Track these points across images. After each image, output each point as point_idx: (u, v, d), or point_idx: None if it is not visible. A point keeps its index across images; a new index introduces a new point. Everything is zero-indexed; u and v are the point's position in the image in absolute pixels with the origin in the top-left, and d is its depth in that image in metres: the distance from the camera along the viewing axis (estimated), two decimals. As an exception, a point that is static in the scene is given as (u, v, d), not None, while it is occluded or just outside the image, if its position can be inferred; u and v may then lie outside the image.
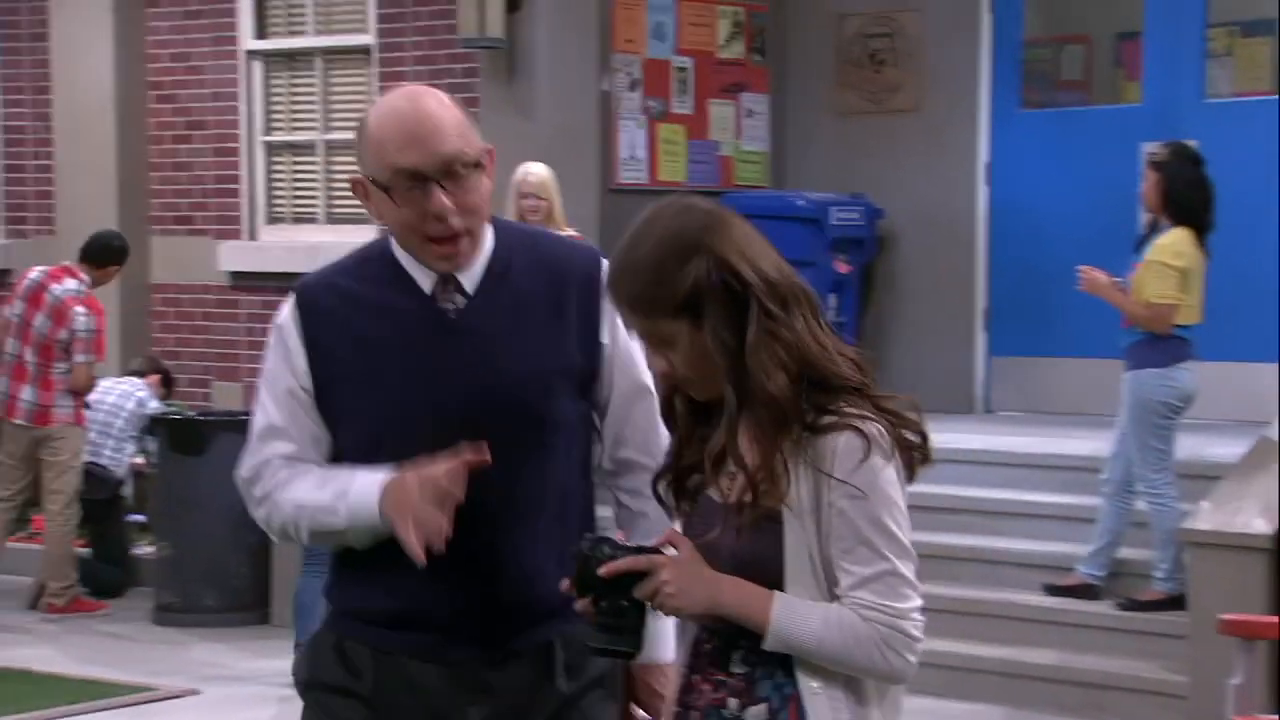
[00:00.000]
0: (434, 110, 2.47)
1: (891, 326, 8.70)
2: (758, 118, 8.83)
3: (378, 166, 2.47)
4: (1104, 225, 7.90)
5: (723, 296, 2.17)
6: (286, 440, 2.55)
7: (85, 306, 7.63)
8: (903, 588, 2.21)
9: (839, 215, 8.28)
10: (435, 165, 2.44)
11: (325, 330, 2.54)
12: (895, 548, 2.20)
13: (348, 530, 2.50)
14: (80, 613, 7.65)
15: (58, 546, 7.65)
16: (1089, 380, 7.92)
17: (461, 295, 2.54)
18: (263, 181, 9.13)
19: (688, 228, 2.20)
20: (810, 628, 2.17)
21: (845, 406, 2.19)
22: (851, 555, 2.18)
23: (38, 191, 9.59)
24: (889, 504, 2.20)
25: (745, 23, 8.76)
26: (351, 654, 2.57)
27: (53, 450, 7.65)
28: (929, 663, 7.09)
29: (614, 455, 2.65)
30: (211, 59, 9.09)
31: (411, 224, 2.47)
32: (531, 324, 2.54)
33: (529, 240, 2.65)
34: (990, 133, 8.44)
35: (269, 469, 2.56)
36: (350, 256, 2.65)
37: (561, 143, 7.88)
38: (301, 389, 2.55)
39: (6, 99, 9.66)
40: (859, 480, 2.16)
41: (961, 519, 6.82)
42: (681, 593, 2.21)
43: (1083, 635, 6.21)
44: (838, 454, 2.16)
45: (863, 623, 2.18)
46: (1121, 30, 8.55)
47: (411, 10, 8.40)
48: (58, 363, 7.59)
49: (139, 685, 6.47)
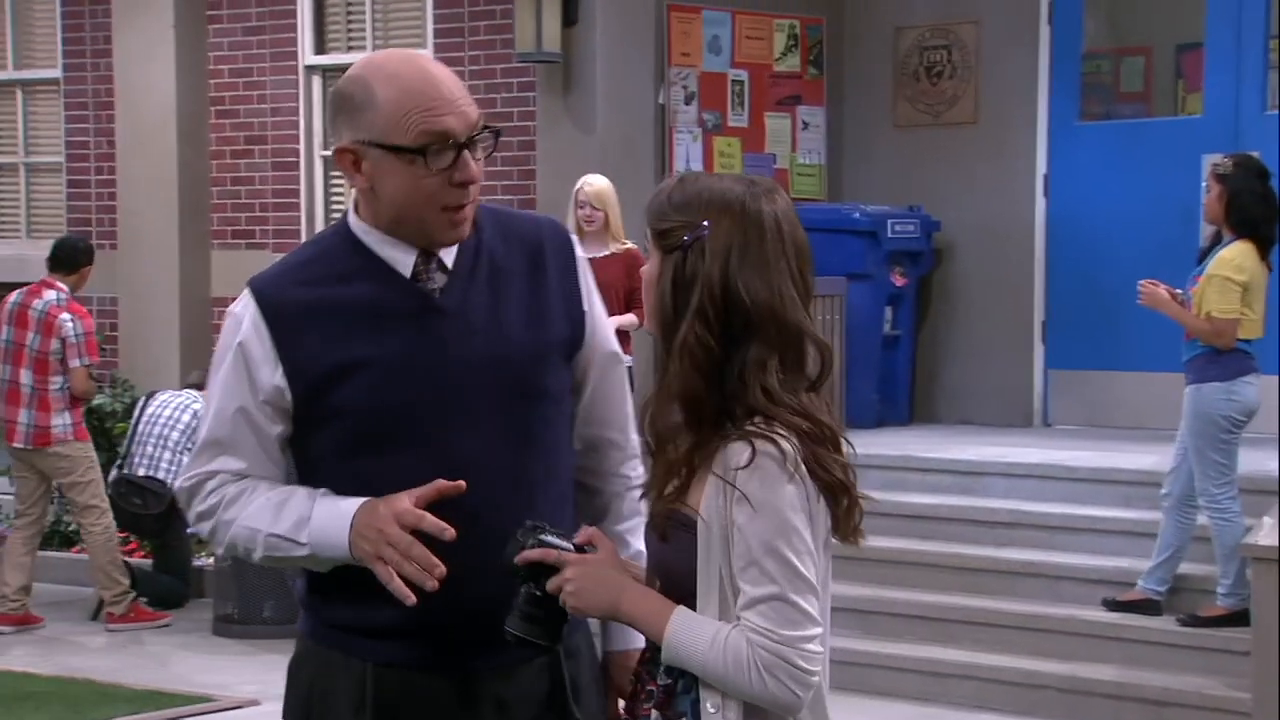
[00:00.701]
0: (447, 74, 2.38)
1: (948, 340, 8.66)
2: (814, 130, 8.82)
3: (397, 130, 2.31)
4: (1164, 238, 7.84)
5: (680, 269, 2.18)
6: (235, 456, 2.40)
7: (70, 313, 7.69)
8: (793, 614, 2.10)
9: (896, 228, 8.26)
10: (468, 129, 2.35)
11: (296, 331, 2.37)
12: (786, 573, 2.10)
13: (311, 561, 2.37)
14: (141, 621, 7.71)
15: (100, 556, 7.68)
16: (1148, 394, 7.85)
17: (442, 273, 2.41)
18: (321, 195, 9.20)
19: (716, 198, 2.19)
20: (698, 646, 2.12)
21: (757, 421, 2.14)
22: (745, 574, 2.11)
23: (100, 206, 9.69)
24: (784, 527, 2.10)
25: (801, 35, 8.76)
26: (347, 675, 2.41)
27: (63, 470, 7.69)
28: (991, 678, 7.03)
29: (582, 433, 2.52)
30: (271, 74, 9.17)
31: (431, 192, 2.34)
32: (515, 296, 2.43)
33: (490, 214, 2.49)
34: (1049, 145, 8.40)
35: (214, 482, 2.42)
36: (301, 254, 2.48)
37: (617, 156, 7.90)
38: (262, 403, 2.38)
39: (70, 114, 9.78)
40: (749, 491, 2.10)
41: (1021, 533, 6.79)
42: (581, 592, 2.20)
43: (1144, 651, 6.15)
44: (727, 460, 2.12)
45: (746, 645, 2.10)
46: (1182, 41, 8.48)
47: (469, 25, 8.45)
48: (53, 376, 7.64)
49: (199, 695, 6.52)
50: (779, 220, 2.20)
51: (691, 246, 2.17)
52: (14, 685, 6.69)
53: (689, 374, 2.15)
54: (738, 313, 2.16)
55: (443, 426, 2.36)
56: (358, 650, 2.42)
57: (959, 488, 7.14)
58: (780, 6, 8.69)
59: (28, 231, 10.08)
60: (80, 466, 7.71)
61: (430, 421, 2.36)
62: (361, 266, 2.39)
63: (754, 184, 2.23)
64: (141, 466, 8.03)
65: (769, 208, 2.20)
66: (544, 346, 2.43)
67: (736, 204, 2.19)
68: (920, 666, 6.36)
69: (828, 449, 2.17)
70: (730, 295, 2.16)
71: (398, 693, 2.39)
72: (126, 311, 9.44)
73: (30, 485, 7.80)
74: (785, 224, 2.21)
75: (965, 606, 6.53)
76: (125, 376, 9.26)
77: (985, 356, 8.51)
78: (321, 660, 2.47)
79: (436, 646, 2.38)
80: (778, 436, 2.12)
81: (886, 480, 7.14)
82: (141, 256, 9.35)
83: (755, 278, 2.16)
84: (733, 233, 2.17)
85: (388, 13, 8.99)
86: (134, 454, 8.08)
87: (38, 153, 10.10)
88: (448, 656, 2.38)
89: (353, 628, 2.42)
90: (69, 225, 9.84)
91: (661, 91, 8.21)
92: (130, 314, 9.41)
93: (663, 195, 2.24)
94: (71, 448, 7.69)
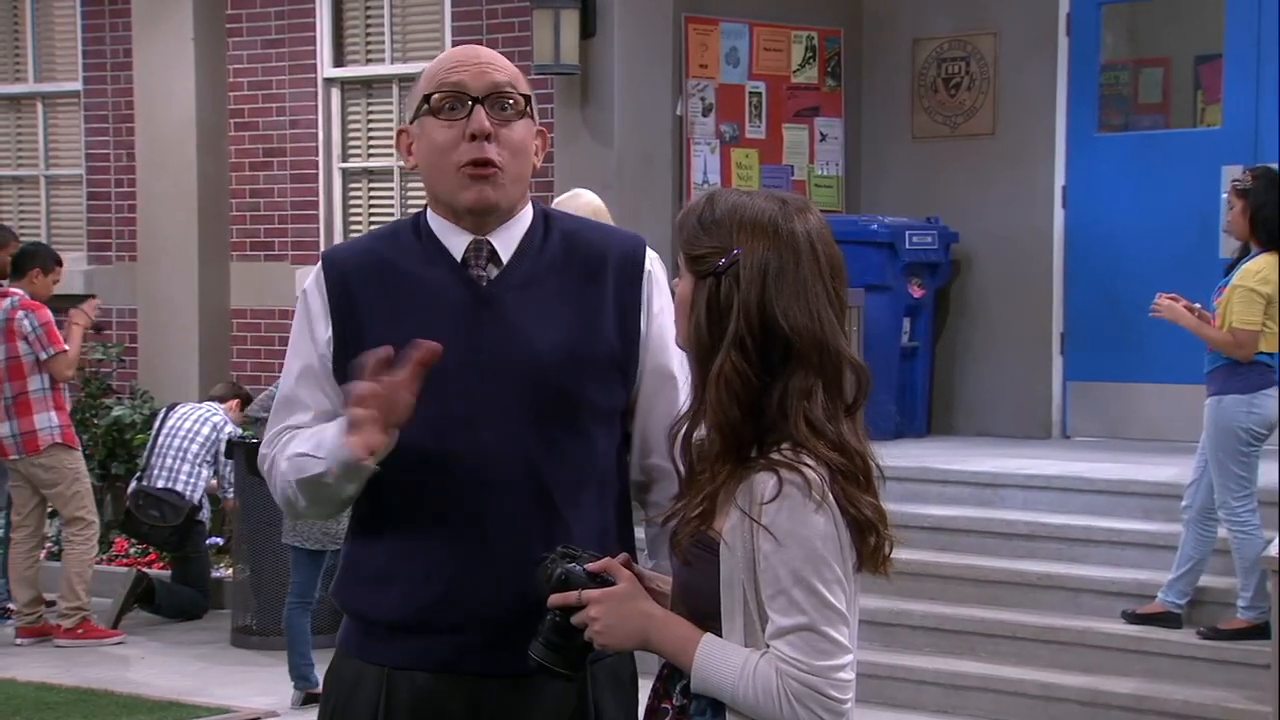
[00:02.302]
0: (489, 52, 2.51)
1: (966, 351, 8.65)
2: (832, 142, 8.82)
3: (426, 88, 2.43)
4: (1182, 249, 7.82)
5: (714, 296, 2.13)
6: (301, 410, 2.45)
7: (23, 309, 7.63)
8: (823, 644, 2.08)
9: (914, 239, 8.25)
10: (483, 87, 2.42)
11: (350, 296, 2.43)
12: (815, 603, 2.07)
13: (330, 476, 2.32)
14: (91, 639, 7.57)
15: (72, 567, 7.59)
16: (1168, 406, 7.83)
17: (495, 266, 2.43)
18: (340, 207, 9.22)
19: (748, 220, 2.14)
20: (727, 675, 2.10)
21: (784, 449, 2.10)
22: (773, 602, 2.08)
23: (120, 218, 9.73)
24: (812, 557, 2.07)
25: (819, 47, 8.76)
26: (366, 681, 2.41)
27: (48, 482, 7.61)
28: (1011, 691, 7.01)
29: (643, 463, 2.50)
30: (290, 87, 9.20)
31: (447, 148, 2.40)
32: (566, 302, 2.42)
33: (572, 223, 2.53)
34: (1067, 156, 8.38)
35: (280, 439, 2.46)
36: (383, 227, 2.59)
37: (635, 167, 7.91)
38: (319, 356, 2.44)
39: (90, 127, 9.82)
40: (777, 522, 2.07)
41: (1040, 545, 6.77)
42: (609, 630, 2.17)
43: (1164, 664, 6.13)
44: (752, 491, 2.09)
45: (776, 676, 2.08)
46: (1201, 52, 8.47)
47: (486, 37, 8.47)
48: (31, 377, 7.59)
49: (218, 706, 6.53)
50: (813, 239, 2.16)
51: (726, 272, 2.13)
52: (34, 696, 6.71)
53: (727, 405, 2.11)
54: (776, 341, 2.11)
55: (464, 416, 2.35)
56: (375, 655, 2.42)
57: (977, 499, 7.12)
58: (798, 18, 8.69)
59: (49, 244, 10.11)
60: (66, 478, 7.63)
61: (453, 407, 2.35)
62: (420, 247, 2.46)
63: (785, 202, 2.18)
64: (160, 479, 8.04)
65: (802, 227, 2.15)
66: (586, 356, 2.40)
67: (770, 226, 2.14)
68: (940, 679, 6.34)
69: (859, 486, 2.13)
70: (768, 323, 2.11)
71: (413, 697, 2.39)
72: (146, 323, 9.47)
73: (24, 495, 7.75)
74: (820, 243, 2.17)
75: (984, 619, 6.51)
76: (144, 388, 9.29)
77: (1004, 368, 8.50)
78: (346, 669, 2.48)
79: (451, 650, 2.37)
80: (803, 466, 2.08)
81: (905, 492, 7.13)
82: (161, 268, 9.38)
83: (793, 303, 2.11)
84: (768, 257, 2.12)
85: (406, 25, 9.02)
86: (153, 466, 8.09)
87: (58, 165, 10.14)
88: (462, 660, 2.38)
89: (369, 619, 2.43)
90: (89, 237, 9.89)
91: (679, 103, 8.22)
92: (149, 325, 9.44)
93: (692, 217, 2.19)
94: (58, 456, 7.60)
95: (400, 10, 9.02)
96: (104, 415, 9.08)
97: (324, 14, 9.10)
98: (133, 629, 7.89)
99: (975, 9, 8.57)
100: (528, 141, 2.45)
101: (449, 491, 2.37)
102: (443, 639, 2.37)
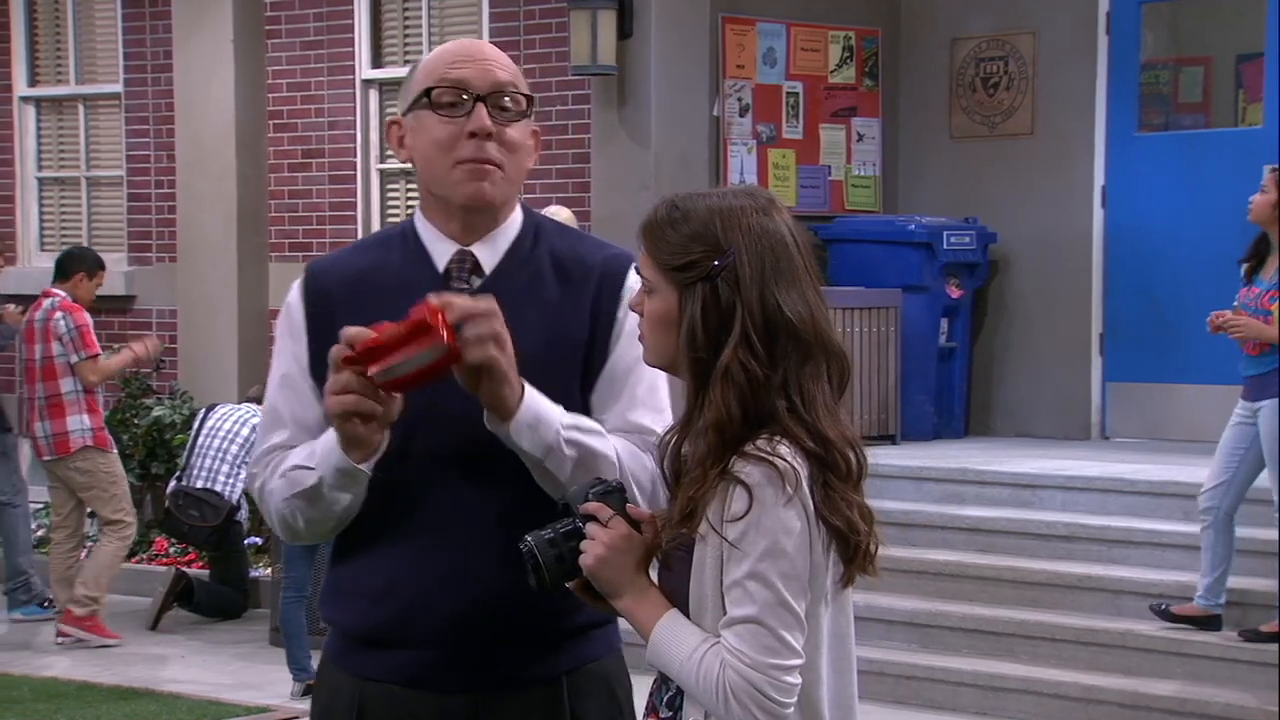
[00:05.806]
0: (491, 49, 2.44)
1: (1005, 352, 8.61)
2: (869, 142, 8.80)
3: (424, 81, 2.38)
4: (1223, 249, 7.75)
5: (711, 299, 2.12)
6: (280, 427, 2.42)
7: (62, 311, 7.68)
8: (770, 641, 2.04)
9: (952, 239, 8.23)
10: (486, 85, 2.36)
11: (328, 310, 2.39)
12: (769, 598, 2.04)
13: (324, 484, 2.30)
14: (93, 634, 7.57)
15: (100, 561, 7.61)
16: (1208, 407, 7.77)
17: (478, 276, 2.39)
18: (378, 208, 9.25)
19: (730, 221, 2.13)
20: (677, 655, 2.09)
21: (760, 441, 2.07)
22: (730, 592, 2.07)
23: (160, 219, 9.79)
24: (774, 551, 2.05)
25: (857, 47, 8.74)
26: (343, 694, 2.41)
27: (83, 485, 7.64)
28: (1051, 693, 6.94)
29: (627, 416, 2.39)
30: (329, 88, 9.24)
31: (445, 144, 2.35)
32: (544, 314, 2.37)
33: (559, 230, 2.48)
34: (1106, 156, 8.34)
35: (270, 460, 2.42)
36: (373, 235, 2.56)
37: (672, 168, 7.91)
38: (299, 368, 2.42)
39: (131, 129, 9.88)
40: (745, 510, 2.05)
41: (1080, 547, 6.74)
42: (603, 563, 2.13)
43: (1205, 666, 6.09)
44: (727, 481, 2.06)
45: (719, 666, 2.05)
46: (1243, 51, 8.41)
47: (524, 38, 8.49)
48: (63, 379, 7.64)
49: (257, 705, 6.57)
50: (792, 228, 2.17)
51: (721, 274, 2.12)
52: (76, 695, 6.76)
53: (729, 401, 2.10)
54: (781, 333, 2.12)
55: (434, 430, 2.32)
56: (351, 665, 2.42)
57: (1016, 501, 7.09)
58: (836, 18, 8.68)
59: (89, 245, 10.19)
60: (101, 481, 7.66)
61: (423, 419, 2.30)
62: (404, 258, 2.42)
63: (753, 195, 2.19)
64: (200, 479, 8.08)
65: (779, 217, 2.17)
66: (555, 367, 2.35)
67: (755, 222, 2.14)
68: (978, 681, 6.32)
69: (841, 477, 2.11)
70: (771, 316, 2.11)
71: (386, 708, 2.38)
72: (186, 324, 9.52)
73: (61, 496, 7.81)
74: (797, 233, 2.19)
75: (1023, 620, 6.48)
76: (184, 388, 9.34)
77: (1042, 369, 8.46)
78: (328, 676, 2.49)
79: (417, 665, 2.36)
80: (778, 457, 2.07)
81: (943, 493, 7.11)
82: (201, 269, 9.43)
83: (791, 294, 2.13)
84: (761, 253, 2.13)
85: (444, 25, 9.04)
86: (192, 466, 8.13)
87: (99, 166, 10.21)
88: (431, 675, 2.36)
89: (344, 631, 2.43)
90: (129, 238, 9.95)
91: (716, 104, 8.22)
92: (189, 326, 9.49)
93: (663, 226, 2.17)
94: (91, 459, 7.63)
95: (438, 11, 9.04)
96: (144, 415, 9.13)
97: (362, 15, 9.13)
98: (172, 628, 7.94)
99: (1014, 8, 8.54)
100: (526, 142, 2.42)
101: (413, 508, 2.35)
102: (409, 653, 2.36)
